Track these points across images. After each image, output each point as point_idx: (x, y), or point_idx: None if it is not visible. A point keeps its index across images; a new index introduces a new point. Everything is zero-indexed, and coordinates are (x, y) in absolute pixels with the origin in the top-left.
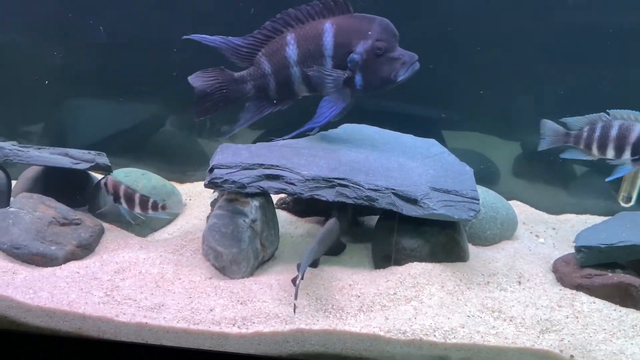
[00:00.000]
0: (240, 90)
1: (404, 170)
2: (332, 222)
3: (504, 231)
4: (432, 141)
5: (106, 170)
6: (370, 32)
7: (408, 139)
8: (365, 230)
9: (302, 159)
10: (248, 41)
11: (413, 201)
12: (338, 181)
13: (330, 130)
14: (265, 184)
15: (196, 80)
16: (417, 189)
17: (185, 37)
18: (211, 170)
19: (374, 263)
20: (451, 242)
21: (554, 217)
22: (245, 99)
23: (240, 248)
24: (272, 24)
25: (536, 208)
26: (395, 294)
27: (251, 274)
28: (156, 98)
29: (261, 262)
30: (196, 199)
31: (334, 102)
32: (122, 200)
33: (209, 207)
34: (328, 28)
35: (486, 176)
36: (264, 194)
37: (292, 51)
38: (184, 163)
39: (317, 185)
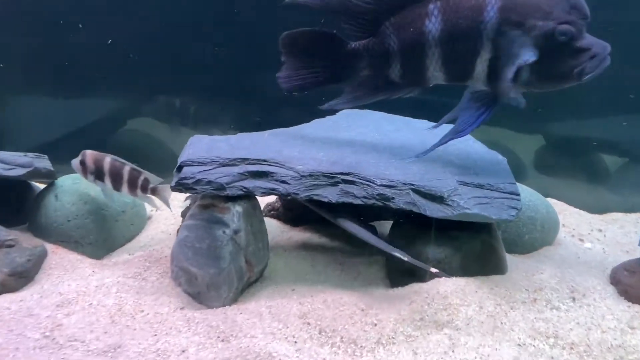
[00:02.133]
0: (352, 67)
1: (423, 161)
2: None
3: (545, 235)
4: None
5: (48, 177)
6: (552, 11)
7: (421, 125)
8: None
9: (294, 150)
10: (371, 6)
11: (439, 199)
12: (342, 176)
13: (327, 117)
14: (250, 183)
15: (289, 39)
16: (443, 184)
17: (286, 2)
18: (179, 168)
19: (389, 280)
20: (487, 250)
21: (598, 216)
22: (354, 78)
23: (219, 268)
24: None
25: (574, 207)
26: (422, 319)
27: (234, 300)
28: (115, 93)
29: (247, 284)
30: (164, 210)
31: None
32: (107, 178)
33: (180, 219)
34: (492, 0)
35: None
36: (249, 197)
37: (434, 25)
38: (148, 167)
39: (315, 182)
